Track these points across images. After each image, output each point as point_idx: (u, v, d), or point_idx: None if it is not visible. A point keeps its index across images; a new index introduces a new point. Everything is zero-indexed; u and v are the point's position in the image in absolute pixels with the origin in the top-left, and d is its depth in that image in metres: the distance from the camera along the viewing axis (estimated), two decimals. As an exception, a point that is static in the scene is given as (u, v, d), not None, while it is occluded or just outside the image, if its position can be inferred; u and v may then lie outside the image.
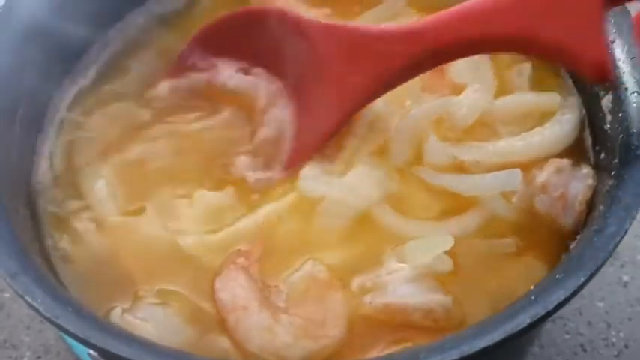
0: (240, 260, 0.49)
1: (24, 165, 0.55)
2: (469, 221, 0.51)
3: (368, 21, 0.62)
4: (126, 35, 0.64)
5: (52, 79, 0.60)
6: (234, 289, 0.47)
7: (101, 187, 0.54)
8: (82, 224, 0.53)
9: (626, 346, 0.67)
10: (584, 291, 0.68)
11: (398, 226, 0.51)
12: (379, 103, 0.55)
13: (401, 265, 0.48)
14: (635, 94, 0.48)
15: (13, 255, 0.42)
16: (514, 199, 0.51)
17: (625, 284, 0.70)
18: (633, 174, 0.44)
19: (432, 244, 0.48)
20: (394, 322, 0.47)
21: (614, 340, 0.67)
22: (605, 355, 0.66)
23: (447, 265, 0.48)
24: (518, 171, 0.51)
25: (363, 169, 0.54)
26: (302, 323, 0.46)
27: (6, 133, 0.52)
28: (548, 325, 0.68)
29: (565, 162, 0.52)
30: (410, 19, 0.60)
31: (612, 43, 0.51)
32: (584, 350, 0.67)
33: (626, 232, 0.41)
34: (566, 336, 0.68)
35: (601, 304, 0.69)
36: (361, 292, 0.48)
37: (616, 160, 0.46)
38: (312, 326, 0.46)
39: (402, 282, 0.47)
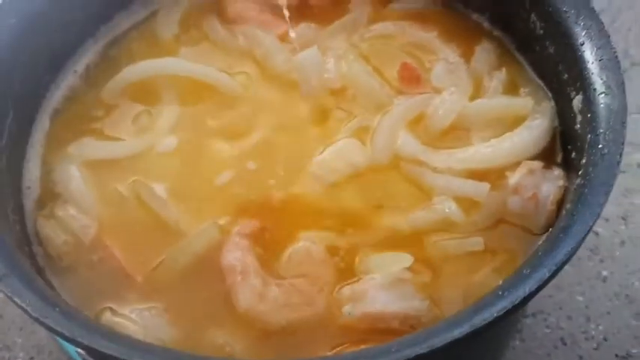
0: (246, 229, 0.52)
1: (13, 170, 0.56)
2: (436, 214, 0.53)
3: (336, 30, 0.64)
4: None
5: (40, 84, 0.61)
6: (236, 256, 0.51)
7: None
8: (66, 214, 0.54)
9: (605, 339, 0.69)
10: (565, 286, 0.71)
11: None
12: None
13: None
14: (603, 94, 0.49)
15: (1, 258, 0.44)
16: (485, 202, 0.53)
17: (604, 279, 0.72)
18: (599, 173, 0.45)
19: (393, 260, 0.51)
20: (375, 329, 0.49)
21: (593, 333, 0.69)
22: (585, 348, 0.68)
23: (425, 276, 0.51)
24: (487, 185, 0.53)
25: (352, 140, 0.57)
26: (287, 293, 0.50)
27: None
28: (529, 319, 0.70)
29: (537, 164, 0.53)
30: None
31: (582, 45, 0.53)
32: (565, 344, 0.69)
33: (590, 228, 0.43)
34: (547, 330, 0.70)
35: (581, 299, 0.71)
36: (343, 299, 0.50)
37: (584, 160, 0.48)
38: (296, 297, 0.50)
39: (378, 289, 0.49)
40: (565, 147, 0.55)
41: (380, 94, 0.60)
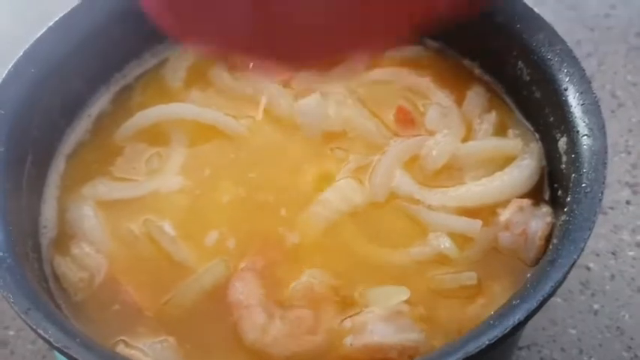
0: (251, 266, 0.56)
1: (32, 210, 0.59)
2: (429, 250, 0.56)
3: (336, 76, 0.66)
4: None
5: (57, 128, 0.65)
6: (242, 291, 0.54)
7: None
8: (81, 252, 0.57)
9: (597, 371, 0.71)
10: (558, 319, 0.74)
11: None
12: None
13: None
14: (585, 137, 0.53)
15: (25, 294, 0.47)
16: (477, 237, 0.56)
17: (596, 312, 0.75)
18: (582, 210, 0.48)
19: (390, 293, 0.54)
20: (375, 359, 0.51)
21: (586, 365, 0.71)
22: (578, 380, 0.71)
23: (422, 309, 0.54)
24: (479, 222, 0.56)
25: (351, 180, 0.60)
26: (291, 325, 0.52)
27: (17, 181, 0.57)
28: (523, 351, 0.72)
29: (526, 202, 0.57)
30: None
31: (565, 90, 0.57)
32: (559, 375, 0.71)
33: (575, 262, 0.46)
34: (541, 362, 0.72)
35: (574, 332, 0.74)
36: (344, 331, 0.53)
37: (569, 198, 0.51)
38: (300, 329, 0.52)
39: (377, 321, 0.52)
40: (552, 185, 0.58)
41: (377, 136, 0.63)
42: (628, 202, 0.82)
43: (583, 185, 0.50)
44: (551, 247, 0.50)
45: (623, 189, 0.83)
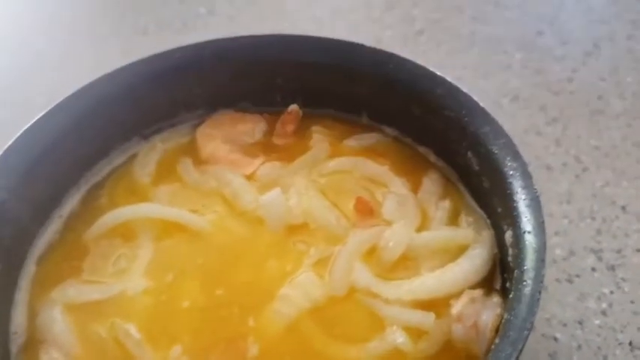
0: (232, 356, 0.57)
1: (2, 317, 0.61)
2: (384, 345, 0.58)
3: (298, 167, 0.71)
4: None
5: (28, 233, 0.67)
6: None
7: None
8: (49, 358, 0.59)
9: None
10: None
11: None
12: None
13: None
14: (527, 233, 0.55)
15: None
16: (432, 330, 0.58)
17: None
18: (520, 310, 0.50)
19: None
20: None
21: None
22: None
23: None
24: (432, 315, 0.58)
25: (311, 274, 0.62)
26: None
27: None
28: None
29: (477, 292, 0.59)
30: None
31: (510, 184, 0.59)
32: None
33: (514, 364, 0.48)
34: None
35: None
36: None
37: (512, 294, 0.53)
38: None
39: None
40: (503, 273, 0.61)
41: (337, 227, 0.66)
42: (593, 269, 0.83)
43: (524, 283, 0.52)
44: (494, 345, 0.52)
45: (589, 256, 0.85)
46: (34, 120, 0.67)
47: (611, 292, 0.81)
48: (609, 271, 0.83)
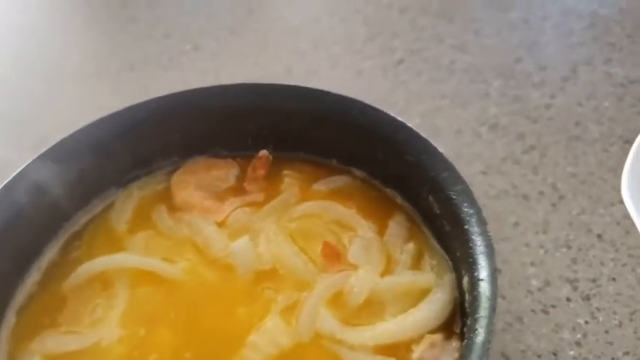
0: None
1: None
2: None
3: (268, 212, 0.73)
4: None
5: (8, 283, 0.69)
6: None
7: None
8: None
9: None
10: None
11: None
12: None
13: None
14: (481, 281, 0.57)
15: None
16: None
17: None
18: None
19: None
20: None
21: None
22: None
23: None
24: None
25: (278, 321, 0.64)
26: None
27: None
28: None
29: (437, 337, 0.60)
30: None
31: (467, 230, 0.61)
32: None
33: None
34: None
35: None
36: None
37: (464, 342, 0.55)
38: None
39: None
40: (462, 318, 0.62)
41: (305, 273, 0.68)
42: (568, 300, 0.85)
43: (476, 331, 0.53)
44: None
45: (564, 285, 0.86)
46: (15, 173, 0.69)
47: (586, 322, 0.82)
48: (584, 301, 0.84)
